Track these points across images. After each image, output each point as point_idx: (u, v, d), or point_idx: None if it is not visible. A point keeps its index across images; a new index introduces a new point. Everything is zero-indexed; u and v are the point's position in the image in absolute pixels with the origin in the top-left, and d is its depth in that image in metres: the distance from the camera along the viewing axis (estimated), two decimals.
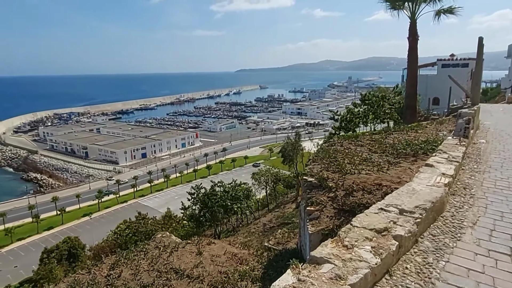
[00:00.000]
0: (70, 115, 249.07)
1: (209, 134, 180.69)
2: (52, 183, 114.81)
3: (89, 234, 62.68)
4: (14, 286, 38.64)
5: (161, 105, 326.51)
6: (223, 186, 32.54)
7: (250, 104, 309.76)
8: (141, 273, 7.52)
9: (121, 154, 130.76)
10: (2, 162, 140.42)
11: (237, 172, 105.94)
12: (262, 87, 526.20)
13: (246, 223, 38.06)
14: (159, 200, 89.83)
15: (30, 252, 64.29)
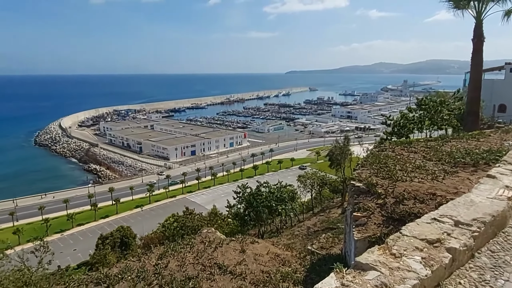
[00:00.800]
0: (128, 111, 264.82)
1: (257, 135, 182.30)
2: (109, 175, 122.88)
3: (140, 224, 66.10)
4: (73, 267, 41.87)
5: (211, 105, 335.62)
6: (269, 186, 32.64)
7: (299, 106, 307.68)
8: (186, 265, 7.80)
9: (172, 151, 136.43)
10: (67, 153, 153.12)
11: (283, 173, 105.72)
12: (312, 89, 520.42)
13: (290, 225, 37.86)
14: (206, 197, 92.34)
15: (87, 237, 69.28)
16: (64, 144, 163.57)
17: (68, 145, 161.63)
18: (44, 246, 11.06)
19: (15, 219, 76.62)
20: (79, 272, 11.71)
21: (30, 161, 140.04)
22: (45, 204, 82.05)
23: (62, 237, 71.21)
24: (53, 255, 11.26)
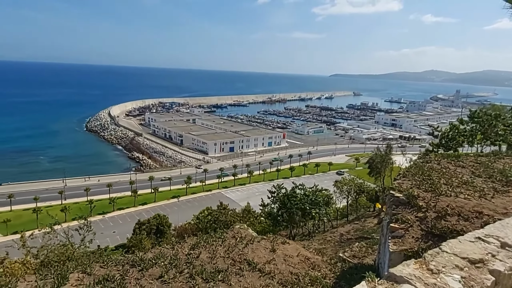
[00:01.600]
0: (172, 104, 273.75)
1: (296, 136, 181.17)
2: (150, 164, 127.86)
3: (175, 214, 68.18)
4: (111, 248, 44.12)
5: (253, 103, 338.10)
6: (304, 189, 32.34)
7: (341, 110, 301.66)
8: (217, 258, 7.95)
9: (211, 146, 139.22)
10: (114, 140, 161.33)
11: (320, 177, 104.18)
12: (356, 94, 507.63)
13: (323, 230, 37.28)
14: (240, 194, 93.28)
15: (126, 221, 72.66)
16: (111, 131, 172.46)
17: (115, 132, 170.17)
18: (87, 226, 11.77)
19: (64, 197, 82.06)
20: (117, 253, 12.32)
21: (81, 145, 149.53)
22: (91, 187, 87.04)
23: (103, 218, 75.20)
24: (94, 235, 11.96)
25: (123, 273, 6.94)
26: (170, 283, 6.70)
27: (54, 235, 11.45)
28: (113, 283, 6.44)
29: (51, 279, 6.47)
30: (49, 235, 11.35)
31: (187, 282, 6.78)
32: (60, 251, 11.03)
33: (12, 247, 12.98)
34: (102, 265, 7.41)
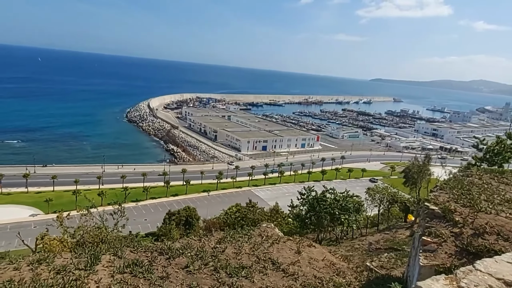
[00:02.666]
0: (209, 100, 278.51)
1: (330, 140, 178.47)
2: (184, 157, 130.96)
3: (205, 208, 69.33)
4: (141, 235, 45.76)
5: (289, 103, 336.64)
6: (335, 193, 31.76)
7: (379, 116, 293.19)
8: (242, 254, 8.02)
9: (245, 143, 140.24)
10: (151, 131, 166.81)
11: (352, 183, 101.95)
12: (396, 100, 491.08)
13: (351, 237, 36.49)
14: (270, 193, 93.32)
15: (157, 210, 74.95)
16: (149, 122, 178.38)
17: (153, 124, 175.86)
18: (121, 211, 12.27)
19: (101, 182, 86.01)
20: (146, 240, 12.75)
21: (120, 134, 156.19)
22: (127, 174, 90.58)
23: (136, 206, 78.03)
24: (127, 221, 12.45)
25: (151, 259, 7.19)
26: (195, 274, 6.85)
27: (90, 217, 12.01)
28: (141, 268, 6.69)
29: (84, 258, 6.83)
30: (86, 217, 11.92)
31: (211, 274, 6.90)
32: (95, 233, 11.58)
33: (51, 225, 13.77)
34: (132, 250, 7.71)
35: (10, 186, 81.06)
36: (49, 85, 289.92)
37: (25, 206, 73.94)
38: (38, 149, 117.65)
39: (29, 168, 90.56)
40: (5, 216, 68.62)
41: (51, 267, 6.41)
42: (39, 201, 74.39)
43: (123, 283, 6.16)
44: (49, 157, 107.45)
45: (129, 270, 6.62)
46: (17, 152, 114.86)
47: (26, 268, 6.35)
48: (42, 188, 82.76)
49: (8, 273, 6.12)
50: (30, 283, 5.73)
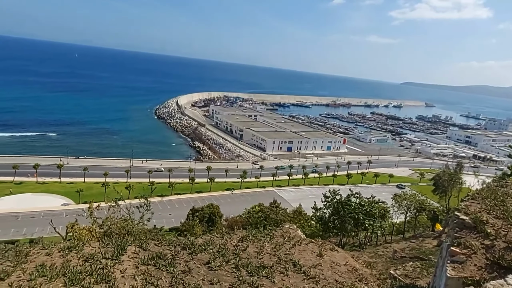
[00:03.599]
0: (236, 99, 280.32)
1: (357, 143, 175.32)
2: (209, 155, 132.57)
3: (228, 206, 70.01)
4: (165, 229, 46.79)
5: (316, 105, 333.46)
6: (360, 198, 31.18)
7: (410, 121, 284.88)
8: (263, 253, 8.03)
9: (270, 143, 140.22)
10: (178, 128, 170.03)
11: (378, 188, 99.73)
12: (428, 105, 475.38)
13: (375, 243, 35.70)
14: (294, 194, 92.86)
15: (182, 206, 76.31)
16: (177, 119, 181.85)
17: (180, 121, 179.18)
18: (147, 205, 12.57)
19: (129, 176, 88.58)
20: (170, 235, 13.00)
21: (149, 130, 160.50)
22: (153, 169, 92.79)
23: (161, 201, 79.79)
24: (152, 214, 12.74)
25: (174, 253, 7.33)
26: (216, 270, 6.93)
27: (117, 209, 12.38)
28: (165, 261, 6.85)
29: (111, 248, 7.08)
30: (114, 208, 12.31)
31: (232, 272, 6.95)
32: (122, 224, 11.92)
33: (81, 215, 14.30)
34: (156, 243, 7.90)
35: (45, 176, 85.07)
36: (85, 80, 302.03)
37: (57, 195, 77.42)
38: (72, 141, 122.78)
39: (63, 159, 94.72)
40: (39, 204, 72.18)
41: (80, 254, 6.70)
42: (71, 191, 77.67)
43: (147, 275, 6.33)
44: (81, 149, 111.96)
45: (153, 262, 6.80)
46: (53, 144, 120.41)
47: (57, 254, 6.66)
48: (74, 179, 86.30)
49: (40, 258, 6.45)
50: (60, 268, 6.01)
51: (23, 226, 62.23)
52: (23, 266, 5.96)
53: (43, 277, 5.69)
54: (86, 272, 5.99)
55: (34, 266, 6.02)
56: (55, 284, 5.58)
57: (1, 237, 51.32)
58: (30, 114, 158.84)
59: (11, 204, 70.46)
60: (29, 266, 6.02)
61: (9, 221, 64.51)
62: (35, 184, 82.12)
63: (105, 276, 5.96)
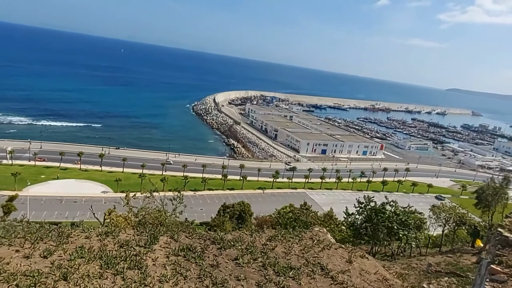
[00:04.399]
0: (273, 99, 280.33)
1: (395, 150, 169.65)
2: (243, 153, 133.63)
3: (258, 205, 70.15)
4: (196, 223, 47.78)
5: (354, 108, 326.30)
6: (395, 207, 30.13)
7: (454, 129, 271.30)
8: (291, 254, 7.99)
9: (304, 145, 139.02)
10: (214, 124, 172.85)
11: (415, 198, 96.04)
12: (475, 113, 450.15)
13: (408, 254, 34.40)
14: (325, 198, 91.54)
15: (213, 202, 77.57)
16: (213, 116, 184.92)
17: (216, 118, 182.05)
18: (180, 198, 12.92)
19: (164, 169, 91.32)
20: (201, 229, 13.27)
21: (186, 125, 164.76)
22: (188, 164, 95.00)
23: (194, 195, 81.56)
24: (185, 207, 13.07)
25: (204, 247, 7.50)
26: (244, 267, 7.00)
27: (152, 200, 12.83)
28: (194, 254, 7.02)
29: (145, 237, 7.37)
30: (149, 199, 12.77)
31: (259, 270, 6.99)
32: (155, 215, 12.35)
33: (119, 203, 14.97)
34: (187, 235, 8.12)
35: (87, 164, 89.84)
36: (129, 75, 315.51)
37: (98, 183, 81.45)
38: (113, 133, 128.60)
39: (105, 149, 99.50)
40: (81, 190, 76.35)
41: (116, 240, 7.03)
42: (110, 180, 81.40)
43: (177, 265, 6.52)
44: (122, 141, 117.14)
45: (183, 254, 6.99)
46: (96, 134, 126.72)
47: (95, 238, 7.04)
48: (113, 168, 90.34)
49: (80, 240, 6.85)
50: (97, 252, 6.34)
51: (66, 209, 66.16)
52: (64, 247, 6.35)
53: (81, 258, 6.03)
54: (121, 257, 6.28)
55: (74, 247, 6.40)
56: (92, 266, 5.90)
57: (46, 218, 54.73)
58: (78, 105, 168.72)
59: (56, 188, 75.09)
60: (69, 247, 6.41)
61: (54, 203, 68.85)
62: (79, 171, 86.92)
63: (137, 263, 6.22)
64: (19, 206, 56.73)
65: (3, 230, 6.63)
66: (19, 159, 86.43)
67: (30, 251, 6.01)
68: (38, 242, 6.37)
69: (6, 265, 5.39)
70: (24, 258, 5.82)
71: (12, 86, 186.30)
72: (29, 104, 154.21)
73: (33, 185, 74.33)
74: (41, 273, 5.32)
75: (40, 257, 5.94)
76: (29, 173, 79.96)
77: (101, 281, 5.51)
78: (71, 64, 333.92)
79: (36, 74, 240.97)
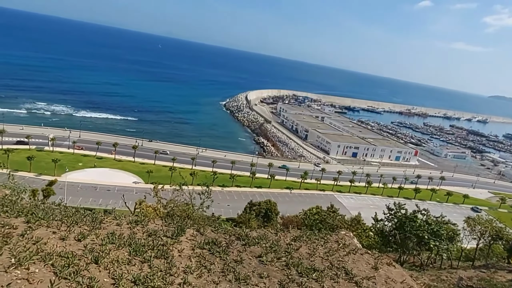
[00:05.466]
0: (305, 98, 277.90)
1: (430, 157, 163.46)
2: (272, 151, 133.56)
3: (285, 205, 70.00)
4: (222, 219, 48.38)
5: (388, 112, 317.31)
6: (427, 216, 29.05)
7: (495, 138, 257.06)
8: (315, 256, 7.91)
9: (334, 147, 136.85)
10: (245, 122, 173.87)
11: (449, 208, 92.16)
12: None
13: (439, 266, 33.13)
14: (353, 202, 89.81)
15: (240, 199, 78.19)
16: (245, 114, 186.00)
17: (247, 115, 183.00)
18: (208, 193, 13.15)
19: (194, 164, 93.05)
20: (227, 224, 13.44)
21: (217, 121, 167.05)
22: (217, 160, 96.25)
23: (222, 191, 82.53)
24: (212, 202, 13.29)
25: (228, 242, 7.59)
26: (267, 265, 7.01)
27: (181, 193, 13.15)
28: (219, 248, 7.13)
29: (172, 228, 7.57)
30: (178, 192, 13.10)
31: (282, 269, 6.98)
32: (183, 208, 12.66)
33: (149, 194, 15.47)
34: (213, 229, 8.25)
35: (122, 154, 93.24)
36: (166, 71, 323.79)
37: (130, 173, 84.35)
38: (147, 126, 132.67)
39: (138, 141, 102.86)
40: (115, 179, 79.41)
41: (144, 229, 7.29)
42: (142, 171, 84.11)
43: (201, 258, 6.65)
44: (155, 134, 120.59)
45: (208, 247, 7.11)
46: (131, 126, 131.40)
47: (126, 226, 7.32)
48: (145, 160, 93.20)
49: (111, 227, 7.15)
50: (127, 239, 6.59)
51: (100, 196, 69.11)
52: (97, 232, 6.66)
53: (112, 244, 6.30)
54: (148, 246, 6.50)
55: (105, 233, 6.69)
56: (122, 252, 6.14)
57: (81, 204, 57.40)
58: (116, 98, 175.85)
59: (92, 176, 78.59)
60: (101, 233, 6.70)
61: (89, 190, 72.15)
62: (113, 160, 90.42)
63: (164, 253, 6.40)
64: (58, 190, 59.88)
65: (42, 212, 7.03)
66: (59, 146, 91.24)
67: (65, 234, 6.34)
68: (73, 226, 6.71)
69: (43, 245, 5.72)
70: (60, 239, 6.15)
71: (59, 78, 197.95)
72: (72, 95, 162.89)
73: (71, 172, 78.22)
74: (74, 255, 5.60)
75: (75, 240, 6.26)
76: (68, 160, 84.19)
77: (129, 267, 5.73)
78: (114, 58, 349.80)
79: (83, 67, 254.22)
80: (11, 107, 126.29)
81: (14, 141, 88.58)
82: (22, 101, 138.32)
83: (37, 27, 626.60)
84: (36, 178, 71.71)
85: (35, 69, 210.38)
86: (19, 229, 6.15)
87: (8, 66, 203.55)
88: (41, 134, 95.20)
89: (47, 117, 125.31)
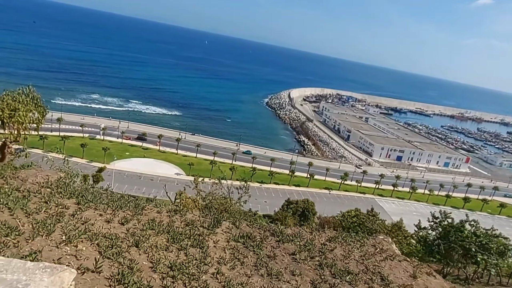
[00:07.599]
0: (349, 98, 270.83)
1: (483, 164, 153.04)
2: (313, 151, 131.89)
3: (323, 205, 68.86)
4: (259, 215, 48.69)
5: (438, 115, 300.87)
6: (476, 227, 27.24)
7: None
8: (350, 259, 7.77)
9: (378, 149, 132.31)
10: (287, 120, 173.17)
11: (501, 221, 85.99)
12: None
13: (486, 282, 31.00)
14: (395, 207, 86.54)
15: (278, 196, 78.18)
16: (287, 111, 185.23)
17: (289, 113, 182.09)
18: (246, 188, 13.34)
19: (234, 159, 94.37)
20: (262, 220, 13.56)
21: (258, 117, 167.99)
22: (257, 156, 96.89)
23: (260, 187, 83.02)
24: (249, 197, 13.47)
25: (263, 237, 7.67)
26: (300, 263, 7.00)
27: (220, 187, 13.46)
28: (253, 242, 7.23)
29: (209, 220, 7.78)
30: (217, 185, 13.42)
31: (315, 269, 6.94)
32: (221, 201, 12.94)
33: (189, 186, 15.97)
34: (249, 224, 8.36)
35: (166, 146, 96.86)
36: (212, 67, 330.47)
37: (173, 165, 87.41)
38: (190, 119, 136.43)
39: (182, 134, 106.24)
40: (158, 169, 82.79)
41: (183, 219, 7.57)
42: (184, 163, 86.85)
43: (235, 250, 6.79)
44: (198, 127, 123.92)
45: (242, 241, 7.24)
46: (175, 120, 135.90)
47: (165, 214, 7.65)
48: (187, 153, 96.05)
49: (152, 214, 7.51)
50: (166, 226, 6.89)
51: (143, 185, 72.40)
52: (139, 218, 7.03)
53: (152, 230, 6.62)
54: (185, 235, 6.75)
55: (147, 219, 7.04)
56: (160, 238, 6.44)
57: (126, 191, 60.54)
58: (164, 92, 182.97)
59: (138, 165, 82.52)
60: (143, 218, 7.07)
61: (134, 179, 75.88)
62: (157, 152, 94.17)
63: (200, 242, 6.62)
64: (106, 177, 63.56)
65: (91, 196, 7.55)
66: (109, 135, 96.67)
67: (111, 217, 6.76)
68: (118, 210, 7.14)
69: (91, 226, 6.15)
70: (105, 222, 6.57)
71: (113, 72, 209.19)
72: (123, 89, 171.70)
73: (119, 160, 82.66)
74: (117, 237, 5.97)
75: (118, 223, 6.66)
76: (117, 149, 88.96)
77: (166, 253, 6.00)
78: (166, 53, 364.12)
79: (137, 62, 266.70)
80: (68, 99, 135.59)
81: (97, 131, 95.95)
82: (78, 93, 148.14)
83: (94, 23, 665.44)
84: (87, 164, 76.66)
85: (92, 64, 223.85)
86: (70, 209, 6.66)
87: (71, 60, 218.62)
88: (93, 124, 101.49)
89: (100, 108, 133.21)
